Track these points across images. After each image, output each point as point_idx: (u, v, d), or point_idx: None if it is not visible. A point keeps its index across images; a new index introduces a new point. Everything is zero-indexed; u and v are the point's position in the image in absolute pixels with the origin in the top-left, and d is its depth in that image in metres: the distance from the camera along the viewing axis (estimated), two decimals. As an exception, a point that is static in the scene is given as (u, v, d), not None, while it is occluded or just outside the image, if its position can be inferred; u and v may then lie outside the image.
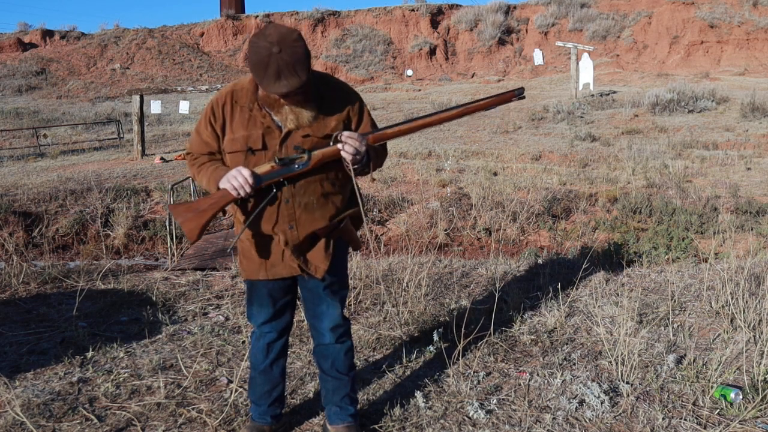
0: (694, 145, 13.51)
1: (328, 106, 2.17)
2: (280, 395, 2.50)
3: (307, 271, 2.25)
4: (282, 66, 1.93)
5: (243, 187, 2.07)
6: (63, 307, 3.96)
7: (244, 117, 2.14)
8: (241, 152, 2.15)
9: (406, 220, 8.99)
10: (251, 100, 2.14)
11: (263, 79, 1.97)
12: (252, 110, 2.14)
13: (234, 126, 2.15)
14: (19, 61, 30.17)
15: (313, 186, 2.17)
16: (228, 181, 2.09)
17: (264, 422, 2.48)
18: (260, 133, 2.13)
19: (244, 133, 2.14)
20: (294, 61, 1.94)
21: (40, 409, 2.69)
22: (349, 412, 2.43)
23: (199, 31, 34.75)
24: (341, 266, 2.38)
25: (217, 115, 2.18)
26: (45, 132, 17.26)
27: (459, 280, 4.48)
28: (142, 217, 9.81)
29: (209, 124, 2.20)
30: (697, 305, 3.76)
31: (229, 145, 2.17)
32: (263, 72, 1.95)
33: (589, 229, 8.51)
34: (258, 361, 2.44)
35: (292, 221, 2.19)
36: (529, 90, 24.82)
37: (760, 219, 8.11)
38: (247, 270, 2.31)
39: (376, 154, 2.24)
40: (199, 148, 2.24)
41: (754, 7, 28.84)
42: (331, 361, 2.40)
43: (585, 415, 2.60)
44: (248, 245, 2.28)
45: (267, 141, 2.14)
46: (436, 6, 34.91)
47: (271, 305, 2.37)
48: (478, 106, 2.27)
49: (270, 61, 1.93)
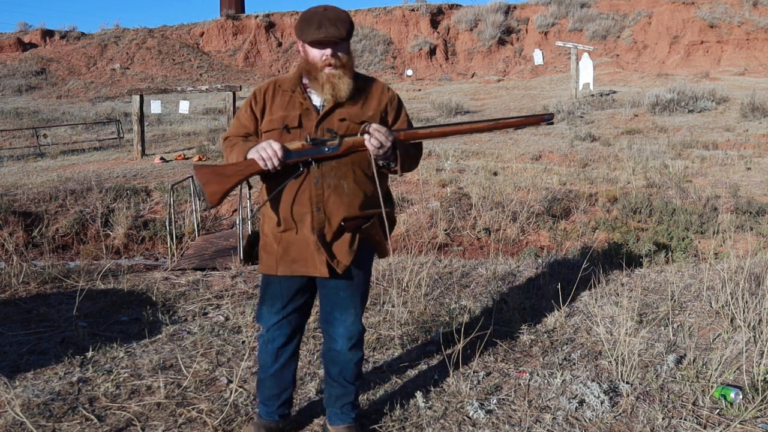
0: (694, 145, 13.52)
1: (367, 96, 2.23)
2: (290, 397, 2.49)
3: (330, 263, 2.19)
4: (324, 19, 2.09)
5: (272, 159, 2.06)
6: (63, 307, 3.96)
7: (284, 100, 2.20)
8: (277, 130, 2.17)
9: (406, 220, 8.99)
10: (294, 85, 2.21)
11: (306, 29, 2.10)
12: (294, 93, 2.20)
13: (274, 108, 2.20)
14: (19, 61, 30.18)
15: (344, 170, 2.16)
16: (257, 151, 2.08)
17: (271, 420, 2.46)
18: (298, 114, 2.18)
19: (283, 113, 2.18)
20: (336, 17, 2.10)
21: (40, 409, 2.69)
22: (351, 416, 2.43)
23: (199, 31, 34.76)
24: (364, 270, 2.32)
25: (258, 99, 2.23)
26: (45, 132, 17.27)
27: (459, 280, 4.48)
28: (142, 217, 9.81)
29: (249, 108, 2.24)
30: (697, 305, 3.76)
31: (267, 125, 2.20)
32: (307, 24, 2.11)
33: (589, 229, 8.51)
34: (267, 365, 2.40)
35: (320, 203, 2.16)
36: (529, 90, 24.89)
37: (760, 219, 8.11)
38: (265, 264, 2.27)
39: (407, 152, 2.21)
40: (236, 131, 2.25)
41: (754, 7, 28.86)
42: (340, 368, 2.36)
43: (585, 415, 2.60)
44: (271, 239, 2.25)
45: (304, 121, 2.17)
46: (436, 6, 34.91)
47: (283, 305, 2.31)
48: (508, 123, 2.32)
49: (315, 16, 2.11)
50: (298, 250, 2.21)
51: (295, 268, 2.22)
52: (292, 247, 2.21)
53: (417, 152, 2.30)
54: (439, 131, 2.25)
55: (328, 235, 2.20)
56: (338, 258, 2.21)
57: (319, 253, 2.19)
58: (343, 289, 2.28)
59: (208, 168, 2.14)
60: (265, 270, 2.28)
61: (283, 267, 2.23)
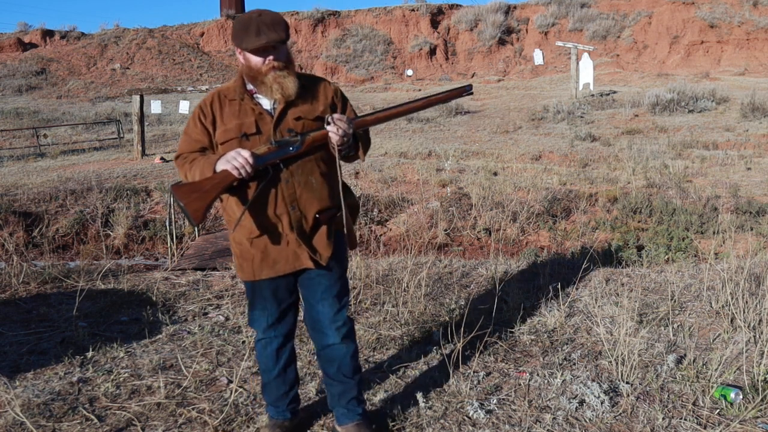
0: (694, 145, 13.51)
1: (314, 93, 2.27)
2: (297, 394, 2.52)
3: (313, 257, 2.23)
4: (261, 24, 2.11)
5: (244, 167, 2.08)
6: (63, 307, 3.96)
7: (234, 108, 2.21)
8: (235, 139, 2.17)
9: (406, 220, 8.99)
10: (240, 93, 2.22)
11: (245, 37, 2.11)
12: (243, 100, 2.21)
13: (225, 118, 2.20)
14: (19, 61, 30.17)
15: (310, 165, 2.22)
16: (228, 162, 2.09)
17: (283, 418, 2.49)
18: (253, 120, 2.19)
19: (237, 121, 2.19)
20: (272, 21, 2.12)
21: (40, 409, 2.69)
22: (358, 412, 2.44)
23: (199, 31, 34.76)
24: (342, 261, 2.37)
25: (206, 112, 2.22)
26: (45, 132, 17.26)
27: (459, 280, 4.48)
28: (142, 217, 9.81)
29: (199, 122, 2.23)
30: (697, 305, 3.76)
31: (222, 136, 2.20)
32: (245, 32, 2.11)
33: (589, 229, 8.51)
34: (269, 368, 2.42)
35: (294, 201, 2.20)
36: (529, 90, 24.88)
37: (760, 219, 8.10)
38: (247, 271, 2.28)
39: (363, 140, 2.33)
40: (190, 147, 2.24)
41: (754, 7, 28.84)
42: (338, 365, 2.38)
43: (585, 415, 2.60)
44: (247, 246, 2.26)
45: (260, 126, 2.19)
46: (436, 6, 34.90)
47: (276, 307, 2.34)
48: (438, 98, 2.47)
49: (251, 22, 2.11)
50: (277, 251, 2.24)
51: (279, 269, 2.26)
52: (270, 250, 2.24)
53: (368, 138, 2.41)
54: (384, 115, 2.37)
55: (307, 231, 2.24)
56: (320, 251, 2.26)
57: (301, 249, 2.23)
58: (324, 276, 2.31)
59: (186, 186, 2.15)
60: (248, 277, 2.30)
61: (267, 270, 2.26)
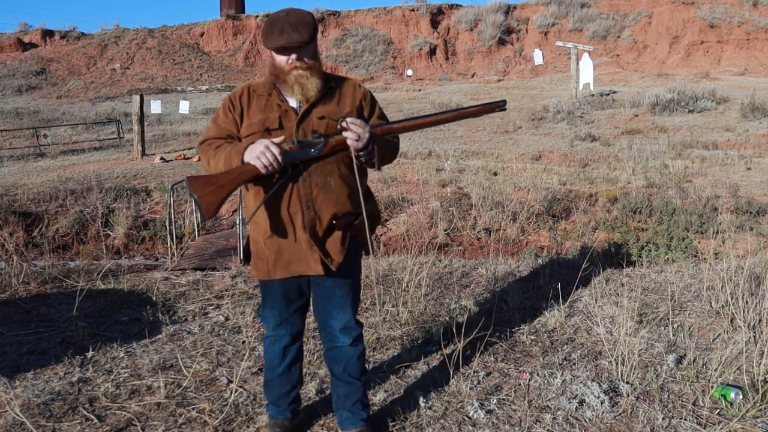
0: (694, 145, 13.51)
1: (341, 94, 2.26)
2: (298, 394, 2.52)
3: (324, 261, 2.21)
4: (286, 24, 2.10)
5: (272, 164, 2.06)
6: (63, 307, 3.96)
7: (261, 103, 2.22)
8: (258, 133, 2.17)
9: (406, 220, 8.99)
10: (269, 89, 2.23)
11: (270, 36, 2.12)
12: (270, 96, 2.22)
13: (251, 112, 2.22)
14: (19, 61, 30.17)
15: (330, 167, 2.19)
16: (256, 156, 2.06)
17: (284, 418, 2.48)
18: (277, 116, 2.19)
19: (262, 116, 2.20)
20: (298, 21, 2.11)
21: (40, 409, 2.69)
22: (361, 417, 2.42)
23: (199, 31, 34.75)
24: (355, 267, 2.36)
25: (235, 104, 2.24)
26: (45, 132, 17.26)
27: (459, 280, 4.48)
28: (142, 217, 9.81)
29: (228, 112, 2.24)
30: (697, 305, 3.76)
31: (247, 129, 2.21)
32: (270, 31, 2.12)
33: (589, 229, 8.51)
34: (274, 365, 2.42)
35: (309, 201, 2.18)
36: (529, 90, 24.88)
37: (760, 219, 8.10)
38: (262, 270, 2.28)
39: (386, 146, 2.25)
40: (217, 133, 2.25)
41: (754, 7, 28.85)
42: (344, 365, 2.38)
43: (585, 415, 2.60)
44: (262, 245, 2.26)
45: (284, 122, 2.19)
46: (436, 6, 34.90)
47: (286, 307, 2.34)
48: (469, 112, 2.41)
49: (277, 22, 2.12)
50: (292, 251, 2.22)
51: (292, 269, 2.24)
52: (284, 250, 2.23)
53: (395, 145, 2.35)
54: (412, 124, 2.32)
55: (320, 233, 2.22)
56: (332, 256, 2.23)
57: (312, 251, 2.21)
58: (338, 287, 2.30)
59: (202, 179, 2.13)
60: (262, 276, 2.29)
61: (281, 270, 2.25)
